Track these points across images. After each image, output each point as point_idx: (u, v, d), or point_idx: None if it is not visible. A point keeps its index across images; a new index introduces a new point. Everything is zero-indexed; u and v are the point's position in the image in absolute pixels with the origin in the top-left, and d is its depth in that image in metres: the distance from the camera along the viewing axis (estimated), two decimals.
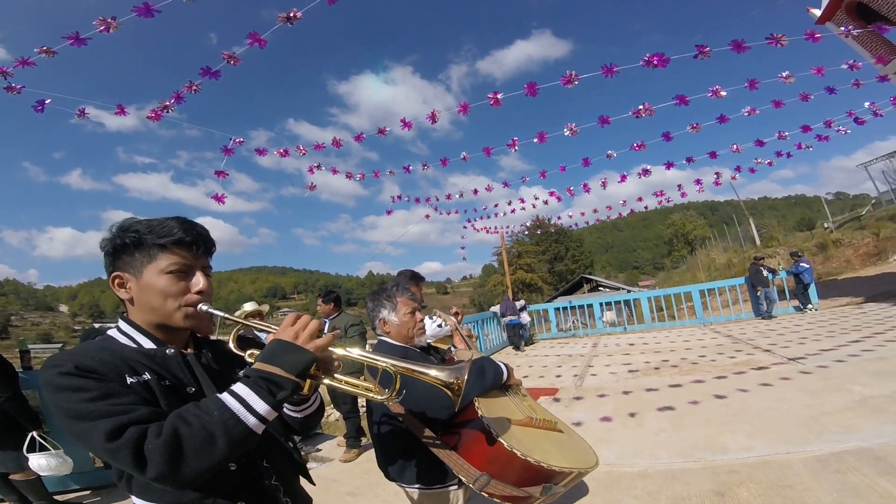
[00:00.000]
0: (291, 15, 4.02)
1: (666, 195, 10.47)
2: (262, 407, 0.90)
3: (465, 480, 1.49)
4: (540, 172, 8.28)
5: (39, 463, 3.35)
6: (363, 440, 4.66)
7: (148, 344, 1.05)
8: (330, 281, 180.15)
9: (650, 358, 7.64)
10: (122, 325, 1.08)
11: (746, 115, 6.32)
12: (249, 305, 5.11)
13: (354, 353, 1.11)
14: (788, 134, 7.65)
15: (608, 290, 31.98)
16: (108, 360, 0.95)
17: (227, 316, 1.11)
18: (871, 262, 18.40)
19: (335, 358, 1.09)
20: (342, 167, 7.68)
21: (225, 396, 0.90)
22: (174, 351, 1.06)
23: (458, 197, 9.98)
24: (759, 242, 25.70)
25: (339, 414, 5.36)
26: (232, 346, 1.15)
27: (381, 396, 1.12)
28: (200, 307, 1.06)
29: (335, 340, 1.07)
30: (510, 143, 6.64)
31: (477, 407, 1.54)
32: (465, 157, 7.22)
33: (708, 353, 7.37)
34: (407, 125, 6.03)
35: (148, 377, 0.97)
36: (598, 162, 7.41)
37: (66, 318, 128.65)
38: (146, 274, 1.03)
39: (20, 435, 3.40)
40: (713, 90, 5.47)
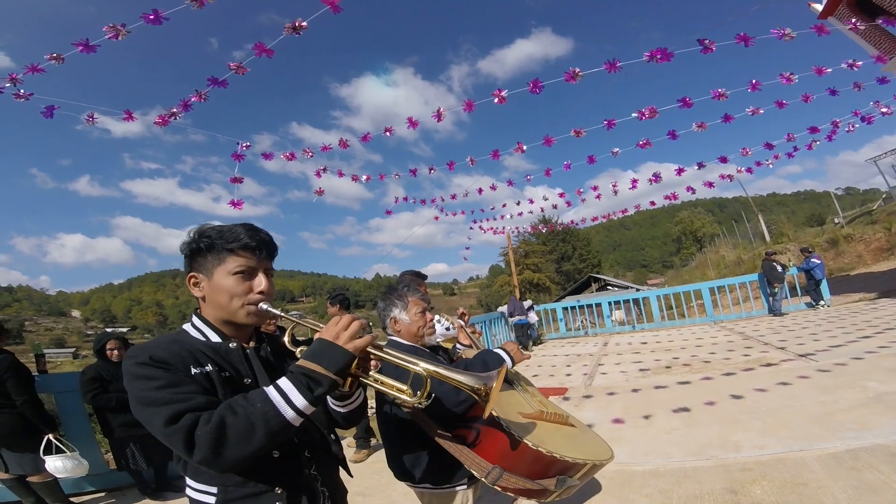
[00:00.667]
0: (297, 25, 4.05)
1: (673, 192, 10.40)
2: (300, 401, 0.97)
3: (477, 474, 1.47)
4: (545, 171, 8.30)
5: (56, 465, 3.41)
6: (372, 441, 4.68)
7: (215, 338, 1.16)
8: (338, 283, 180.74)
9: (660, 356, 7.59)
10: (194, 320, 1.19)
11: (750, 114, 6.33)
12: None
13: (390, 354, 1.16)
14: (798, 136, 7.63)
15: (617, 289, 31.83)
16: (177, 351, 1.06)
17: (282, 315, 1.21)
18: (883, 257, 18.14)
19: (373, 358, 1.15)
20: (346, 170, 7.72)
21: (269, 389, 0.99)
22: (236, 345, 1.17)
23: (463, 196, 9.99)
24: (768, 239, 25.44)
25: None
26: (286, 342, 1.23)
27: (412, 399, 1.15)
28: (261, 306, 1.15)
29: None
30: (517, 147, 6.65)
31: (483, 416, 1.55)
32: (471, 160, 7.23)
33: (719, 350, 7.30)
34: (413, 124, 6.06)
35: (210, 368, 1.08)
36: (603, 158, 7.41)
37: (78, 322, 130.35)
38: (216, 274, 1.14)
39: (37, 438, 3.47)
40: (717, 93, 5.47)
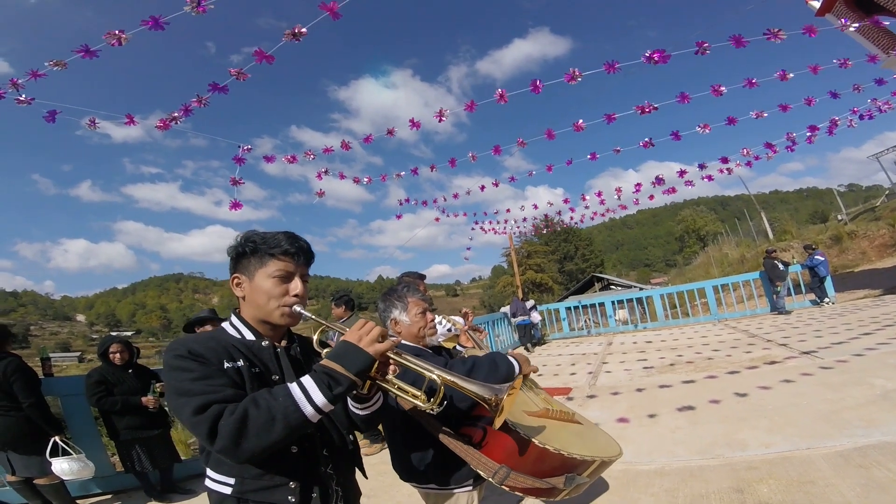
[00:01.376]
0: (297, 31, 4.05)
1: (671, 187, 10.38)
2: (320, 399, 1.02)
3: (483, 474, 1.46)
4: (547, 167, 8.29)
5: (62, 467, 3.42)
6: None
7: (249, 336, 1.24)
8: (340, 286, 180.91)
9: (665, 355, 7.57)
10: (233, 318, 1.28)
11: (755, 117, 6.34)
12: None
13: (408, 360, 1.21)
14: (796, 134, 7.62)
15: (620, 288, 31.74)
16: (213, 347, 1.14)
17: (314, 318, 1.28)
18: (887, 253, 18.04)
19: (392, 363, 1.20)
20: (347, 173, 7.72)
21: (292, 386, 1.04)
22: (268, 343, 1.25)
23: (466, 195, 9.98)
24: (771, 236, 25.33)
25: None
26: (315, 343, 1.30)
27: (425, 405, 1.19)
28: (295, 308, 1.23)
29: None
30: (519, 140, 6.65)
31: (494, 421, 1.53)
32: (473, 156, 7.22)
33: (723, 349, 7.27)
34: (415, 125, 6.07)
35: (241, 364, 1.15)
36: (605, 157, 7.41)
37: (83, 327, 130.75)
38: (257, 277, 1.23)
39: (44, 440, 3.47)
40: (715, 87, 5.51)
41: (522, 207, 11.10)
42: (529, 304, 11.89)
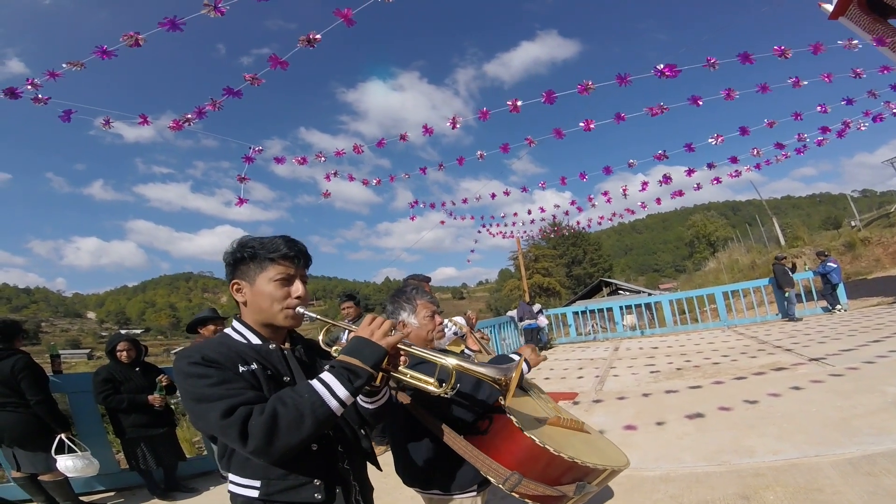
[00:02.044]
0: (311, 38, 4.08)
1: (680, 190, 10.31)
2: (342, 392, 1.06)
3: (494, 481, 1.44)
4: (560, 179, 8.30)
5: (67, 464, 3.44)
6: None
7: (255, 340, 1.26)
8: (348, 287, 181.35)
9: (673, 360, 7.51)
10: (235, 324, 1.29)
11: (768, 126, 6.31)
12: None
13: (417, 350, 1.28)
14: (808, 136, 7.54)
15: (628, 293, 31.53)
16: (226, 352, 1.16)
17: (318, 317, 1.32)
18: None
19: (402, 353, 1.26)
20: (355, 175, 7.75)
21: (314, 382, 1.08)
22: (275, 346, 1.27)
23: (476, 200, 10.00)
24: (783, 242, 25.03)
25: None
26: (321, 341, 1.36)
27: (437, 389, 1.26)
28: (298, 310, 1.26)
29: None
30: (528, 139, 6.64)
31: (504, 405, 1.52)
32: (481, 155, 7.22)
33: (733, 354, 7.20)
34: (428, 131, 6.11)
35: (255, 367, 1.17)
36: (616, 161, 7.39)
37: (93, 324, 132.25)
38: (258, 281, 1.25)
39: (49, 437, 3.50)
40: (726, 92, 5.49)
41: (530, 212, 11.05)
42: (536, 308, 11.85)
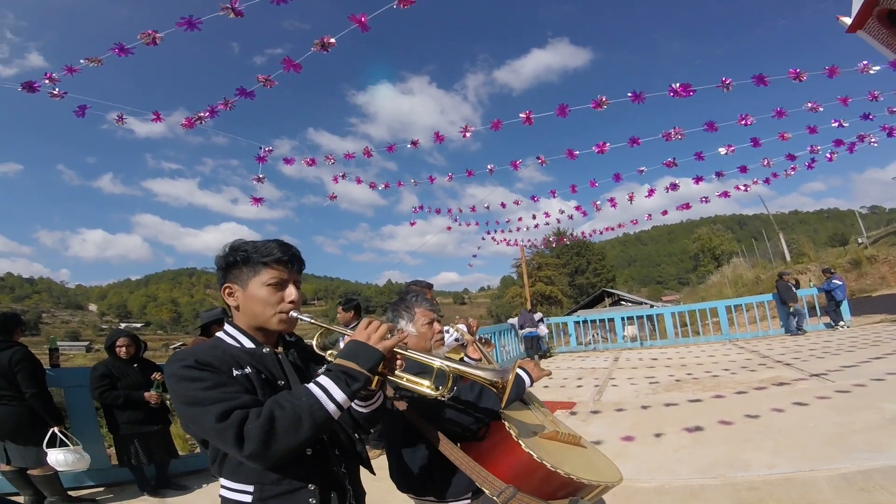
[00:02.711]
0: (326, 42, 4.13)
1: (689, 204, 10.30)
2: (340, 396, 1.05)
3: (488, 492, 1.45)
4: (570, 187, 8.36)
5: (58, 458, 3.44)
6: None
7: (248, 343, 1.25)
8: (350, 288, 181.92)
9: (672, 372, 7.48)
10: (228, 328, 1.28)
11: (780, 140, 6.32)
12: None
13: (414, 354, 1.27)
14: (820, 148, 7.53)
15: (630, 304, 31.43)
16: (219, 356, 1.15)
17: (313, 321, 1.32)
18: None
19: (398, 357, 1.24)
20: (362, 177, 7.80)
21: (311, 386, 1.07)
22: (269, 350, 1.27)
23: (485, 209, 10.02)
24: (788, 258, 24.88)
25: None
26: (315, 346, 1.33)
27: (434, 392, 1.25)
28: (291, 314, 1.25)
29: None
30: (540, 158, 6.67)
31: (504, 419, 1.54)
32: (491, 169, 7.26)
33: (733, 368, 7.16)
34: (439, 138, 6.16)
35: (249, 370, 1.16)
36: (625, 168, 7.43)
37: (94, 317, 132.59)
38: (251, 286, 1.23)
39: (42, 431, 3.49)
40: (743, 117, 5.53)
41: (534, 217, 11.04)
42: (538, 315, 11.84)
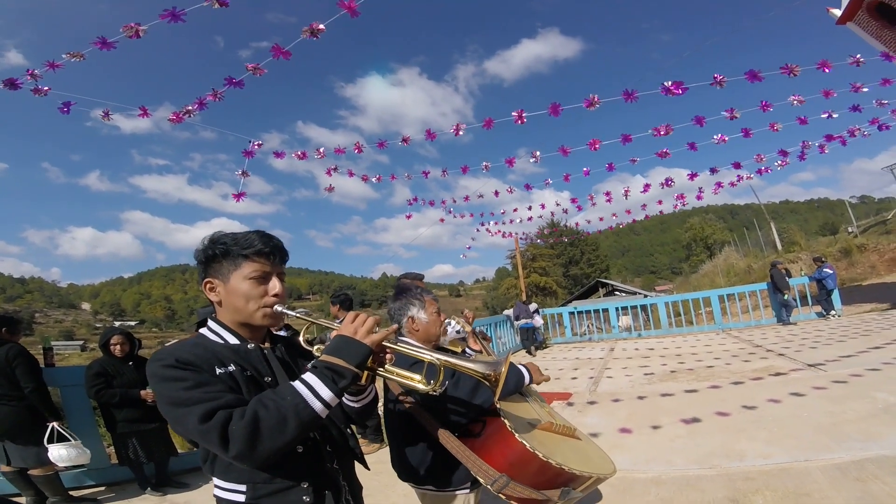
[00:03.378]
0: (315, 28, 4.06)
1: (683, 198, 10.37)
2: (326, 393, 1.02)
3: (482, 481, 1.48)
4: (564, 176, 8.36)
5: (60, 453, 3.42)
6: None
7: (233, 340, 1.21)
8: (344, 282, 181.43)
9: (667, 363, 7.53)
10: (211, 324, 1.24)
11: (771, 130, 6.34)
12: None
13: (403, 347, 1.25)
14: (812, 143, 7.58)
15: (624, 294, 31.61)
16: (201, 353, 1.11)
17: (298, 315, 1.27)
18: None
19: (388, 351, 1.23)
20: (354, 170, 7.77)
21: (296, 384, 1.03)
22: (254, 346, 1.22)
23: (478, 198, 10.04)
24: (780, 247, 25.10)
25: None
26: (302, 341, 1.30)
27: (426, 387, 1.22)
28: (276, 308, 1.20)
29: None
30: (534, 154, 6.66)
31: (499, 409, 1.55)
32: (486, 166, 7.25)
33: (727, 358, 7.23)
34: (431, 136, 6.12)
35: (233, 368, 1.12)
36: (618, 158, 7.47)
37: (87, 315, 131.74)
38: (232, 279, 1.19)
39: (41, 430, 3.49)
40: (729, 111, 5.57)
41: (530, 208, 11.08)
42: (533, 306, 11.88)
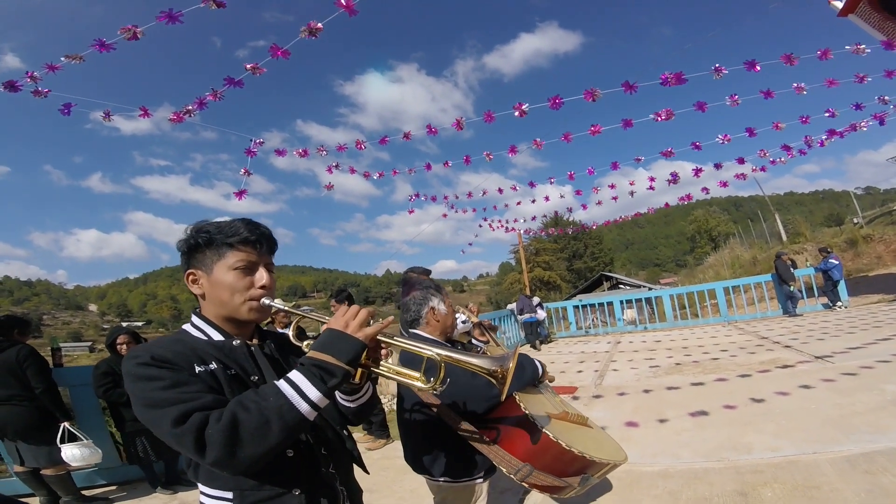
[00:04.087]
0: (313, 28, 4.05)
1: (688, 193, 10.35)
2: (314, 394, 0.93)
3: (505, 471, 1.50)
4: (568, 174, 8.37)
5: (73, 453, 3.46)
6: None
7: (217, 336, 1.13)
8: (348, 279, 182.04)
9: (673, 356, 7.51)
10: (194, 319, 1.16)
11: (774, 129, 6.31)
12: (278, 302, 5.16)
13: (401, 342, 1.15)
14: (813, 138, 7.53)
15: (629, 287, 31.51)
16: (180, 351, 1.03)
17: (287, 309, 1.18)
18: None
19: (384, 346, 1.14)
20: (355, 167, 7.76)
21: (281, 383, 0.95)
22: (240, 342, 1.14)
23: (482, 195, 10.04)
24: (785, 238, 24.94)
25: None
26: (291, 336, 1.22)
27: (425, 385, 1.13)
28: (263, 301, 1.13)
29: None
30: (535, 142, 6.63)
31: (518, 401, 1.57)
32: (488, 156, 7.21)
33: (733, 351, 7.20)
34: (433, 131, 6.09)
35: (214, 366, 1.04)
36: (621, 155, 7.47)
37: (95, 317, 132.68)
38: (216, 270, 1.12)
39: (52, 431, 3.53)
40: (732, 98, 5.54)
41: (533, 201, 11.03)
42: (535, 300, 11.85)
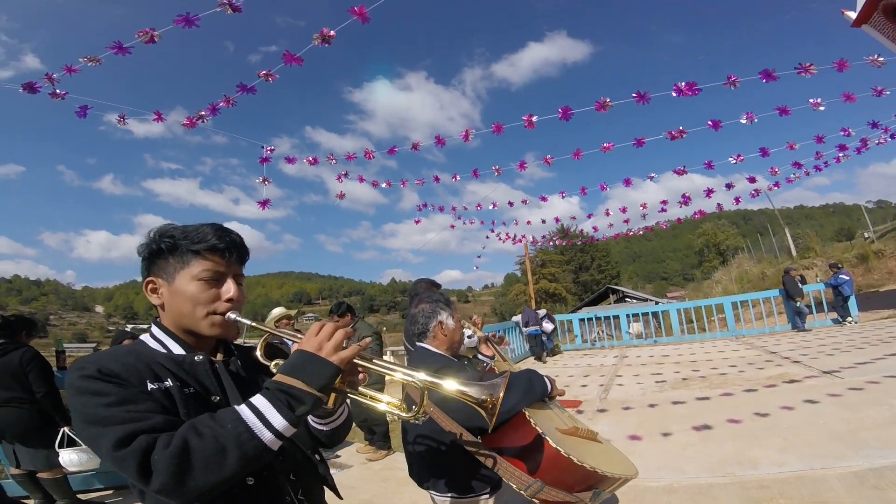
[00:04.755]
0: (326, 35, 4.12)
1: (700, 209, 10.32)
2: (279, 422, 0.84)
3: (515, 487, 1.48)
4: (581, 189, 8.45)
5: (71, 458, 3.44)
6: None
7: (178, 349, 1.02)
8: (354, 287, 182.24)
9: (679, 370, 7.44)
10: (154, 329, 1.05)
11: (788, 149, 6.32)
12: (278, 311, 5.18)
13: (380, 365, 1.04)
14: (826, 153, 7.53)
15: (635, 301, 31.29)
16: (132, 364, 0.92)
17: (254, 324, 1.10)
18: None
19: (360, 370, 1.03)
20: (363, 175, 7.84)
21: (242, 409, 0.85)
22: (203, 358, 1.02)
23: (491, 207, 10.12)
24: (794, 253, 24.72)
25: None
26: (259, 355, 1.10)
27: (406, 414, 1.04)
28: (229, 316, 1.03)
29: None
30: (545, 159, 6.67)
31: (528, 416, 1.56)
32: (497, 170, 7.27)
33: (740, 365, 7.13)
34: (440, 142, 6.16)
35: (170, 384, 0.93)
36: (625, 166, 7.51)
37: (101, 318, 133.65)
38: (178, 279, 1.01)
39: (50, 435, 3.52)
40: (748, 116, 5.53)
41: (543, 221, 11.14)
42: (541, 312, 11.79)
